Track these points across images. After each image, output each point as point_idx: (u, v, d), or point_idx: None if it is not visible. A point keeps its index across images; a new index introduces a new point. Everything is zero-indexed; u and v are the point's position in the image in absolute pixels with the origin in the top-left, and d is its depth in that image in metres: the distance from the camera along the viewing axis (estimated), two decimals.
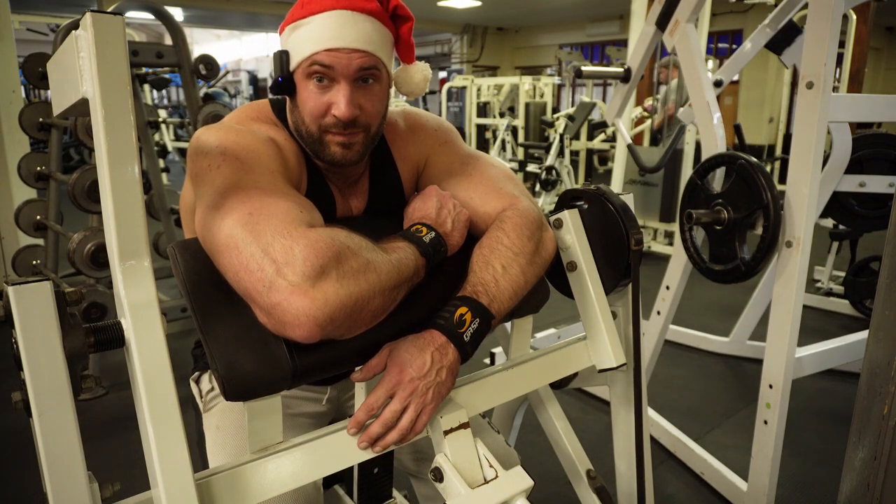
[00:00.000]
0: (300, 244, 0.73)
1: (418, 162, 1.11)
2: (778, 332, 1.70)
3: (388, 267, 0.80)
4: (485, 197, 1.02)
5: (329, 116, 0.92)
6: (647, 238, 5.06)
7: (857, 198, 2.55)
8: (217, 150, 0.85)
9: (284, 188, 0.85)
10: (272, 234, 0.74)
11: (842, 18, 1.63)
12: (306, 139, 0.95)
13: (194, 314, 0.81)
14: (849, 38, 5.13)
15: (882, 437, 0.92)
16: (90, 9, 0.72)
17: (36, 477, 0.64)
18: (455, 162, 1.09)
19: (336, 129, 0.92)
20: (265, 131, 0.95)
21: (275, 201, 0.79)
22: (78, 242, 2.46)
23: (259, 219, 0.75)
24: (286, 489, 0.78)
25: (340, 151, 0.94)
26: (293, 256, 0.72)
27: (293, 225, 0.75)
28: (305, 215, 0.80)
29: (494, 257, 0.93)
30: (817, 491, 2.02)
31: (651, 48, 2.40)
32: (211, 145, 0.86)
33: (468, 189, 1.04)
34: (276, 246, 0.73)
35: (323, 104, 0.91)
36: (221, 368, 0.77)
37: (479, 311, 0.87)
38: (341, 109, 0.90)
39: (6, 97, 3.52)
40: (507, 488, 0.83)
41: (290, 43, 0.92)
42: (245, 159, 0.85)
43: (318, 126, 0.93)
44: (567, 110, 7.03)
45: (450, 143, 1.11)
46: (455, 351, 0.85)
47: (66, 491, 0.63)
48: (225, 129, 0.90)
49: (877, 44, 11.40)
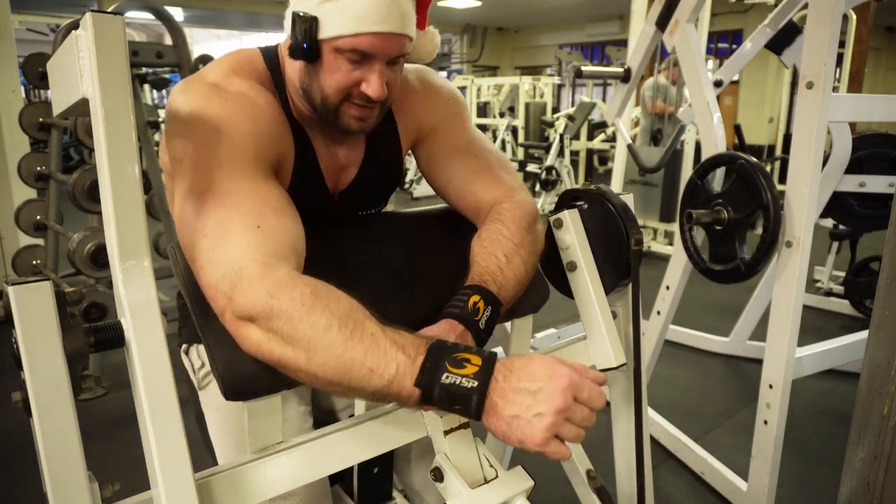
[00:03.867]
0: (240, 288, 0.72)
1: (423, 125, 1.08)
2: (778, 332, 1.70)
3: (331, 360, 0.69)
4: (486, 185, 1.03)
5: (356, 91, 0.89)
6: (647, 238, 5.06)
7: (857, 198, 2.55)
8: (188, 132, 0.83)
9: (250, 187, 0.81)
10: (223, 267, 0.74)
11: (842, 18, 1.63)
12: (320, 105, 0.92)
13: (194, 314, 0.81)
14: (849, 38, 5.12)
15: (882, 437, 0.92)
16: (90, 9, 0.72)
17: (36, 477, 0.64)
18: (461, 140, 1.07)
19: (360, 102, 0.90)
20: (246, 91, 0.89)
21: (233, 219, 0.77)
22: (78, 242, 2.46)
23: (215, 244, 0.76)
24: (286, 489, 0.78)
25: (356, 123, 0.93)
26: (235, 294, 0.73)
27: (242, 261, 0.74)
28: (261, 236, 0.76)
29: (497, 248, 0.94)
30: (817, 491, 2.02)
31: (651, 48, 2.40)
32: (183, 119, 0.84)
33: (470, 173, 1.05)
34: (224, 283, 0.74)
35: (353, 80, 0.89)
36: (221, 368, 0.77)
37: (490, 298, 0.89)
38: (374, 90, 0.88)
39: (6, 97, 3.51)
40: (508, 488, 0.83)
41: (322, 11, 0.85)
42: (214, 146, 0.82)
43: (339, 98, 0.90)
44: (567, 110, 7.03)
45: (459, 116, 1.09)
46: (472, 339, 0.86)
47: (66, 491, 0.63)
48: (200, 96, 0.86)
49: (877, 44, 11.40)
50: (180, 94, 0.86)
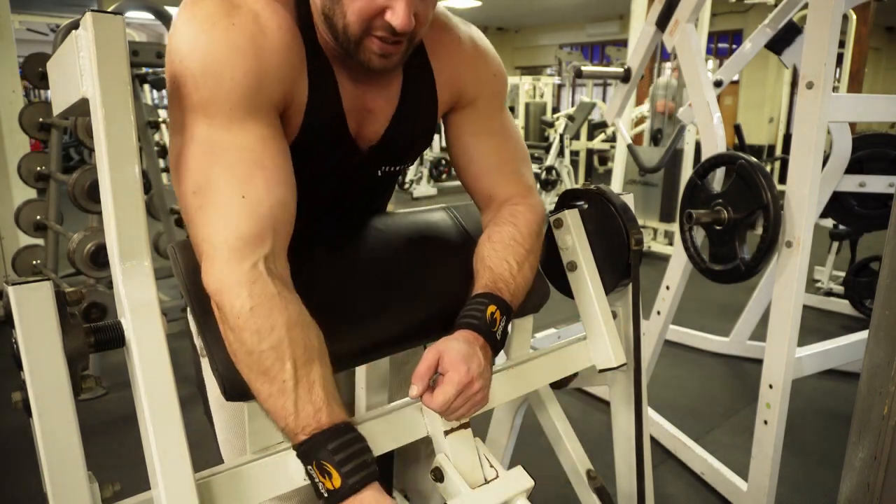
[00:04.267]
0: (206, 264, 0.75)
1: (464, 92, 0.98)
2: (778, 332, 1.70)
3: (244, 374, 0.74)
4: (505, 178, 1.00)
5: (380, 20, 0.78)
6: (647, 238, 5.06)
7: (857, 198, 2.55)
8: (188, 58, 0.75)
9: (244, 141, 0.77)
10: (202, 233, 0.75)
11: (842, 18, 1.63)
12: (340, 36, 0.81)
13: (194, 314, 0.81)
14: (849, 38, 5.13)
15: (882, 437, 0.92)
16: (90, 9, 0.72)
17: (36, 477, 0.64)
18: (496, 122, 1.01)
19: (383, 34, 0.79)
20: (260, 10, 0.79)
21: (220, 183, 0.75)
22: (78, 242, 2.46)
23: (201, 204, 0.75)
24: (287, 489, 0.78)
25: (378, 60, 0.82)
26: (203, 264, 0.75)
27: (216, 238, 0.74)
28: (243, 210, 0.74)
29: (509, 254, 0.93)
30: (817, 491, 2.02)
31: (651, 48, 2.40)
32: (186, 39, 0.76)
33: (494, 162, 1.00)
34: (200, 248, 0.76)
35: (376, 6, 0.77)
36: (221, 368, 0.78)
37: (504, 308, 0.89)
38: (400, 19, 0.77)
39: (6, 97, 3.51)
40: (508, 488, 0.83)
41: None
42: (212, 85, 0.75)
43: (361, 27, 0.79)
44: (567, 110, 7.03)
45: (500, 96, 1.02)
46: (490, 350, 0.86)
47: (66, 491, 0.63)
48: (208, 14, 0.76)
49: (877, 44, 11.40)
50: (187, 9, 0.78)
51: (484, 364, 0.83)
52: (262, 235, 0.75)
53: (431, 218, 1.13)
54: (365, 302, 0.93)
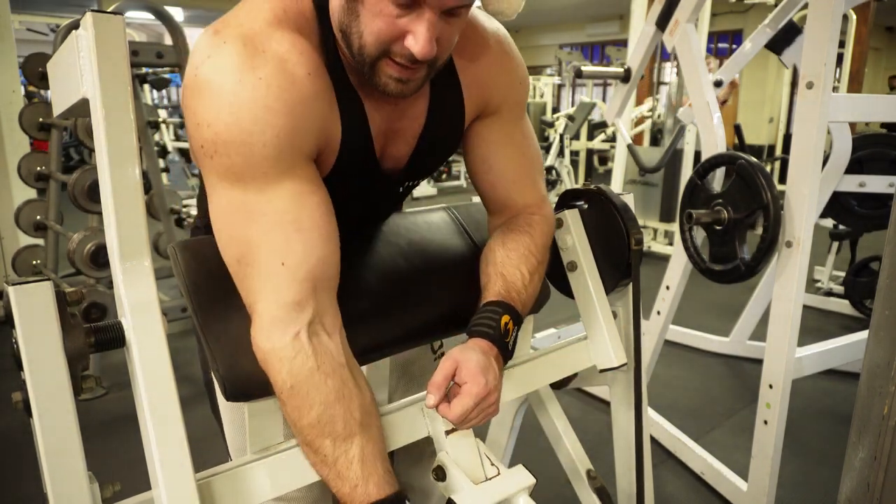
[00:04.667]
0: (253, 328, 0.76)
1: (490, 100, 0.93)
2: (778, 332, 1.70)
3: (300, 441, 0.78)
4: (522, 189, 0.98)
5: (399, 46, 0.73)
6: (647, 238, 5.06)
7: (857, 198, 2.55)
8: (215, 120, 0.71)
9: (281, 205, 0.75)
10: (249, 299, 0.77)
11: (842, 18, 1.63)
12: (356, 56, 0.76)
13: (194, 314, 0.81)
14: (849, 38, 5.13)
15: (882, 437, 0.92)
16: (90, 9, 0.72)
17: (36, 477, 0.64)
18: (517, 132, 0.98)
19: (400, 60, 0.75)
20: (286, 53, 0.73)
21: (261, 252, 0.75)
22: (78, 242, 2.46)
23: (244, 273, 0.76)
24: (288, 489, 0.78)
25: (395, 85, 0.77)
26: (251, 326, 0.77)
27: (258, 305, 0.75)
28: (282, 279, 0.74)
29: (522, 263, 0.92)
30: (817, 491, 2.02)
31: (651, 48, 2.40)
32: (210, 98, 0.71)
33: (513, 172, 0.97)
34: (252, 313, 0.77)
35: (397, 30, 0.72)
36: (222, 368, 0.78)
37: (517, 318, 0.89)
38: (420, 47, 0.72)
39: (6, 97, 3.51)
40: (511, 485, 0.83)
41: None
42: (244, 149, 0.72)
43: (379, 50, 0.74)
44: (567, 110, 7.03)
45: (523, 105, 0.99)
46: (502, 361, 0.87)
47: (66, 491, 0.63)
48: (231, 68, 0.71)
49: (877, 44, 11.40)
50: (209, 61, 0.72)
51: (498, 375, 0.83)
52: (303, 301, 0.75)
53: (432, 218, 1.13)
54: (365, 302, 0.93)
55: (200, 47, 0.73)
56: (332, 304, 0.80)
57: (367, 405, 0.78)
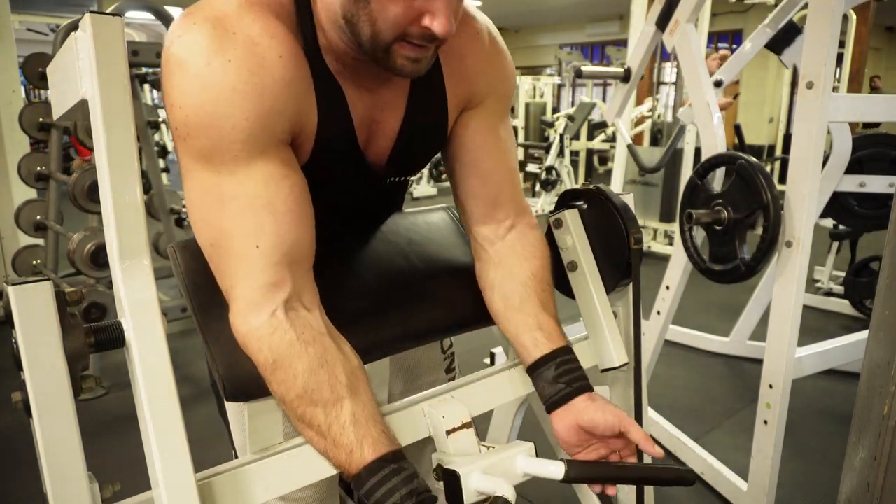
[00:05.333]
0: (230, 312, 0.76)
1: (476, 93, 0.92)
2: (778, 332, 1.70)
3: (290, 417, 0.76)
4: (513, 188, 0.97)
5: (416, 27, 0.72)
6: (647, 238, 5.05)
7: (857, 198, 2.55)
8: (185, 102, 0.71)
9: (253, 188, 0.74)
10: (224, 283, 0.77)
11: (842, 18, 1.63)
12: (367, 42, 0.74)
13: (194, 314, 0.81)
14: (849, 38, 5.13)
15: (882, 437, 0.92)
16: (89, 10, 0.72)
17: (36, 477, 0.64)
18: (501, 126, 0.95)
19: (418, 41, 0.74)
20: (257, 36, 0.72)
21: (234, 237, 0.74)
22: (78, 242, 2.46)
23: (219, 257, 0.76)
24: (289, 489, 0.78)
25: (411, 66, 0.77)
26: (229, 312, 0.77)
27: (234, 290, 0.76)
28: (257, 262, 0.74)
29: (549, 296, 0.95)
30: (817, 491, 2.02)
31: (651, 48, 2.40)
32: (180, 81, 0.71)
33: (502, 166, 0.95)
34: (228, 299, 0.77)
35: (414, 11, 0.71)
36: (222, 369, 0.78)
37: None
38: (442, 25, 0.71)
39: (6, 97, 3.51)
40: (510, 450, 0.83)
41: None
42: (215, 132, 0.71)
43: (395, 33, 0.73)
44: (567, 110, 7.03)
45: (509, 99, 0.97)
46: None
47: (66, 491, 0.63)
48: (201, 50, 0.70)
49: (877, 44, 11.40)
50: (178, 41, 0.71)
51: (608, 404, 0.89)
52: (279, 283, 0.75)
53: (431, 218, 1.13)
54: (364, 302, 0.93)
55: (172, 28, 0.73)
56: (309, 283, 0.79)
57: (355, 369, 0.77)
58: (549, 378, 0.88)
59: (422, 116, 0.90)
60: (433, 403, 0.88)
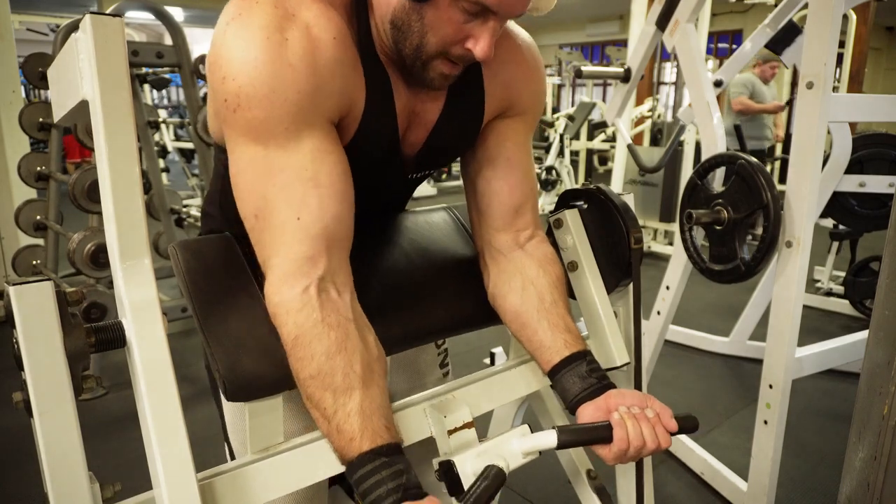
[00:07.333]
0: (266, 282, 0.77)
1: (514, 104, 0.96)
2: (778, 332, 1.70)
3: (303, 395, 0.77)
4: (534, 203, 0.99)
5: (459, 48, 0.78)
6: (647, 238, 5.06)
7: (857, 198, 2.55)
8: (240, 76, 0.73)
9: (300, 161, 0.76)
10: (263, 253, 0.78)
11: (842, 18, 1.63)
12: (410, 52, 0.79)
13: (195, 314, 0.81)
14: (849, 38, 5.13)
15: (882, 437, 0.92)
16: (90, 10, 0.72)
17: (36, 477, 0.64)
18: (526, 146, 0.99)
19: (455, 60, 0.80)
20: (313, 20, 0.75)
21: (279, 206, 0.76)
22: (78, 242, 2.46)
23: (261, 227, 0.77)
24: (290, 490, 0.78)
25: (440, 80, 0.83)
26: (265, 281, 0.78)
27: (272, 260, 0.77)
28: (297, 234, 0.76)
29: (566, 302, 0.96)
30: (817, 491, 2.02)
31: (651, 48, 2.40)
32: (236, 56, 0.73)
33: (531, 176, 0.99)
34: (265, 269, 0.79)
35: (462, 34, 0.77)
36: (222, 368, 0.78)
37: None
38: (483, 51, 0.77)
39: (6, 97, 3.51)
40: (508, 434, 0.83)
41: None
42: (267, 106, 0.74)
43: (439, 50, 0.78)
44: (567, 110, 7.03)
45: (537, 117, 1.01)
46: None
47: (66, 491, 0.63)
48: (259, 28, 0.73)
49: (877, 44, 11.39)
50: (240, 17, 0.74)
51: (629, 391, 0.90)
52: (316, 257, 0.76)
53: (432, 218, 1.13)
54: (364, 301, 0.93)
55: (232, 5, 0.76)
56: (344, 264, 0.81)
57: (372, 361, 0.78)
58: (583, 372, 0.89)
59: (459, 112, 0.92)
60: (434, 403, 0.88)
